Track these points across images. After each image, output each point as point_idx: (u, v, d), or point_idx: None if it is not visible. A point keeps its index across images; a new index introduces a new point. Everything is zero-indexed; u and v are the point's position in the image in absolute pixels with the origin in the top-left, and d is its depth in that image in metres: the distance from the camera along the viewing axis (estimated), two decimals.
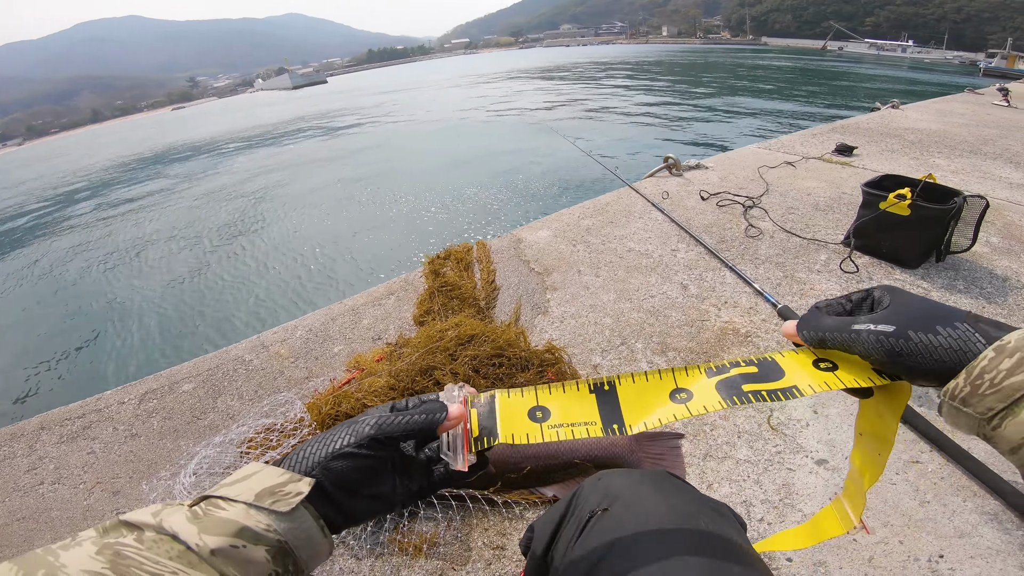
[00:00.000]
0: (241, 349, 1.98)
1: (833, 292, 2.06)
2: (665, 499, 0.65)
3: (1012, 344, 0.44)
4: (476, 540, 1.21)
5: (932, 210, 2.03)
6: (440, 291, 2.24)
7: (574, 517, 0.69)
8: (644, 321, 1.93)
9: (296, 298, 6.43)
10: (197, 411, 1.69)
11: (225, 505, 0.47)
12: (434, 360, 1.59)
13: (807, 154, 3.75)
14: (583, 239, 2.60)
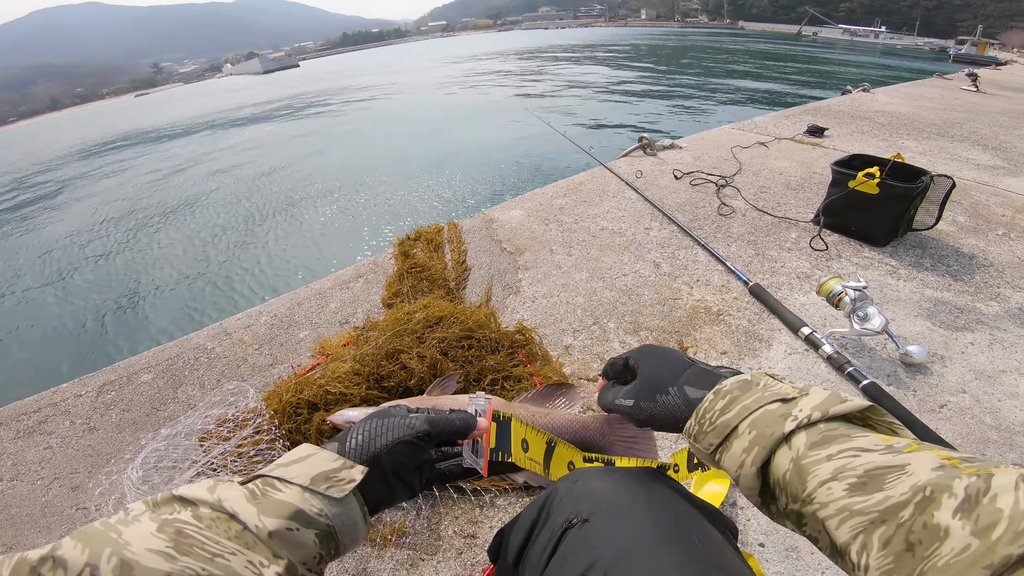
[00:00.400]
0: (202, 337, 1.90)
1: (803, 270, 2.06)
2: (652, 509, 0.57)
3: (726, 387, 0.57)
4: (446, 529, 1.18)
5: (900, 188, 2.05)
6: (409, 273, 2.18)
7: (547, 525, 0.62)
8: (616, 300, 1.91)
9: (258, 285, 6.19)
10: (157, 402, 1.62)
11: (282, 487, 0.49)
12: (401, 343, 1.54)
13: (779, 135, 3.77)
14: (556, 218, 2.56)
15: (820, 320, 1.78)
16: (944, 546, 0.38)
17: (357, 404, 1.37)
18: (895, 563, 0.41)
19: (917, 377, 1.55)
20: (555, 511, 0.62)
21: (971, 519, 0.38)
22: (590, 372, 1.60)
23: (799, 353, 1.65)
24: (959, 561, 0.37)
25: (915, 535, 0.41)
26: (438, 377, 1.46)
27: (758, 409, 0.54)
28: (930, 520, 0.40)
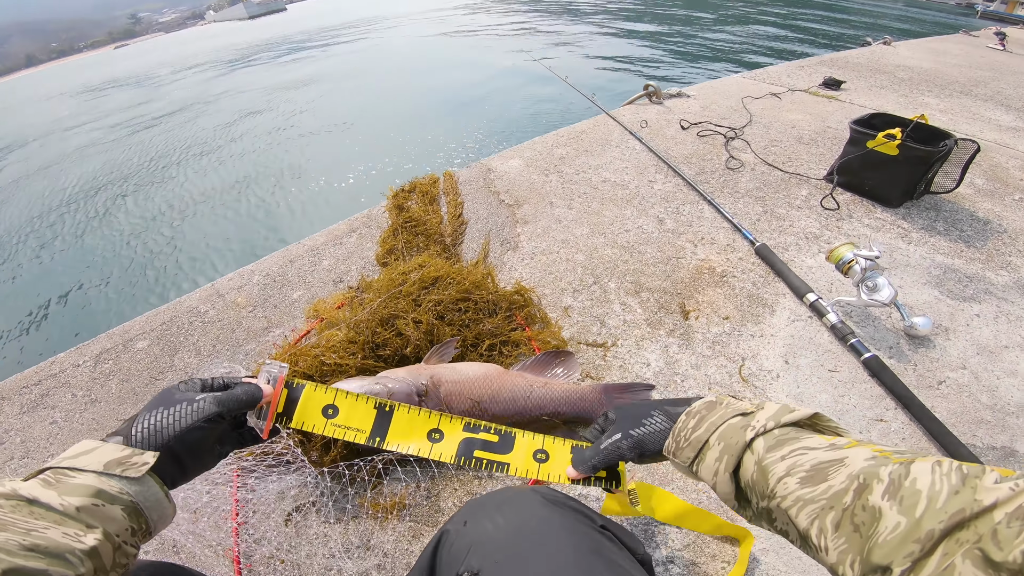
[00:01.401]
0: (195, 299, 1.81)
1: (812, 230, 1.96)
2: (547, 554, 0.55)
3: (695, 408, 0.65)
4: (446, 500, 1.15)
5: (921, 151, 1.93)
6: (404, 227, 2.07)
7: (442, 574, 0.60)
8: (618, 258, 1.81)
9: (251, 243, 5.69)
10: (154, 371, 1.55)
11: (75, 474, 0.52)
12: (396, 308, 1.45)
13: (793, 86, 3.55)
14: (556, 169, 2.42)
15: (826, 285, 1.70)
16: (880, 525, 0.44)
17: (353, 375, 1.30)
18: (847, 543, 0.46)
19: (919, 350, 1.49)
20: (447, 561, 0.60)
21: (896, 500, 0.44)
22: (589, 336, 1.53)
23: (802, 320, 1.58)
24: (894, 537, 0.42)
25: (858, 517, 0.46)
26: (435, 343, 1.39)
27: (723, 424, 0.61)
28: (867, 503, 0.46)
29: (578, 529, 0.59)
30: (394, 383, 1.21)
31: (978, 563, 0.38)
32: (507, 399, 1.23)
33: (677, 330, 1.54)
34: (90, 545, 0.48)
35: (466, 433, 0.81)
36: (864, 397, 1.36)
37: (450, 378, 1.25)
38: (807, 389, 1.38)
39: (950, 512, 0.41)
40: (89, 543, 0.48)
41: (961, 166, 1.99)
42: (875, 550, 0.44)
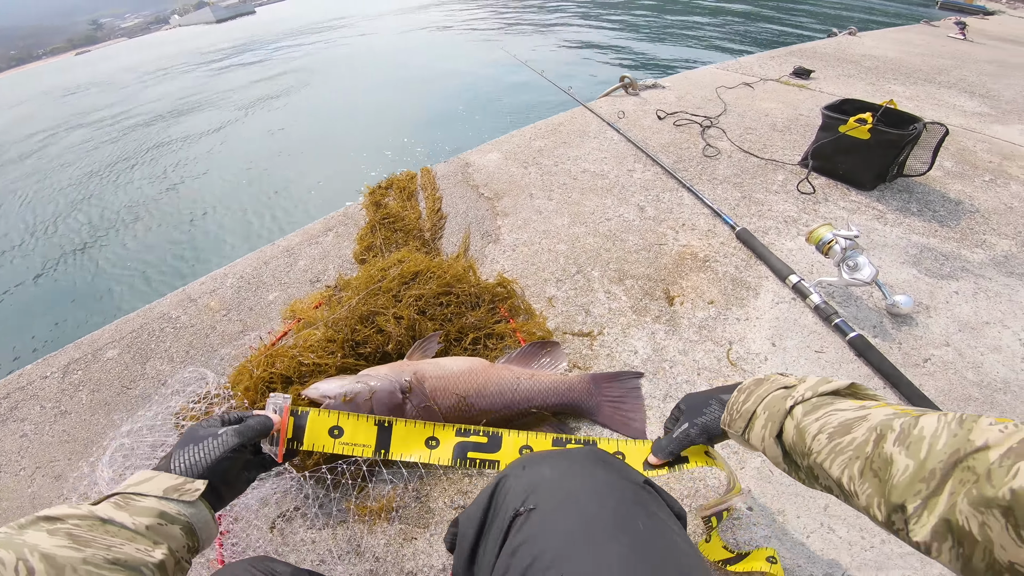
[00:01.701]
0: (166, 305, 1.73)
1: (790, 214, 1.96)
2: (598, 496, 0.59)
3: (745, 385, 0.75)
4: (436, 500, 1.10)
5: (892, 135, 1.95)
6: (382, 224, 2.01)
7: (498, 515, 0.63)
8: (600, 246, 1.78)
9: (222, 245, 5.31)
10: (126, 380, 1.47)
11: (139, 499, 0.59)
12: (376, 304, 1.39)
13: (765, 76, 3.57)
14: (535, 161, 2.38)
15: (807, 267, 1.69)
16: (894, 469, 0.49)
17: (333, 374, 1.25)
18: (871, 487, 0.52)
19: (903, 328, 1.49)
20: (504, 501, 0.63)
21: (905, 446, 0.49)
22: (575, 326, 1.49)
23: (786, 302, 1.57)
24: (905, 478, 0.48)
25: (875, 463, 0.52)
26: (417, 339, 1.34)
27: (768, 396, 0.69)
28: (882, 451, 0.51)
29: (622, 483, 0.62)
30: (376, 381, 1.16)
31: (974, 500, 0.42)
32: (494, 393, 1.19)
33: (663, 316, 1.52)
34: (159, 559, 0.54)
35: (459, 438, 0.91)
36: (852, 377, 1.35)
37: (434, 374, 1.20)
38: (795, 371, 1.36)
39: (948, 452, 0.46)
40: (158, 557, 0.54)
41: (931, 150, 2.01)
42: (892, 491, 0.49)
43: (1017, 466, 0.40)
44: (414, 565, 0.99)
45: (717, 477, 1.14)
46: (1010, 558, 0.41)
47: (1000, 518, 0.41)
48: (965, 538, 0.43)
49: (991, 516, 0.41)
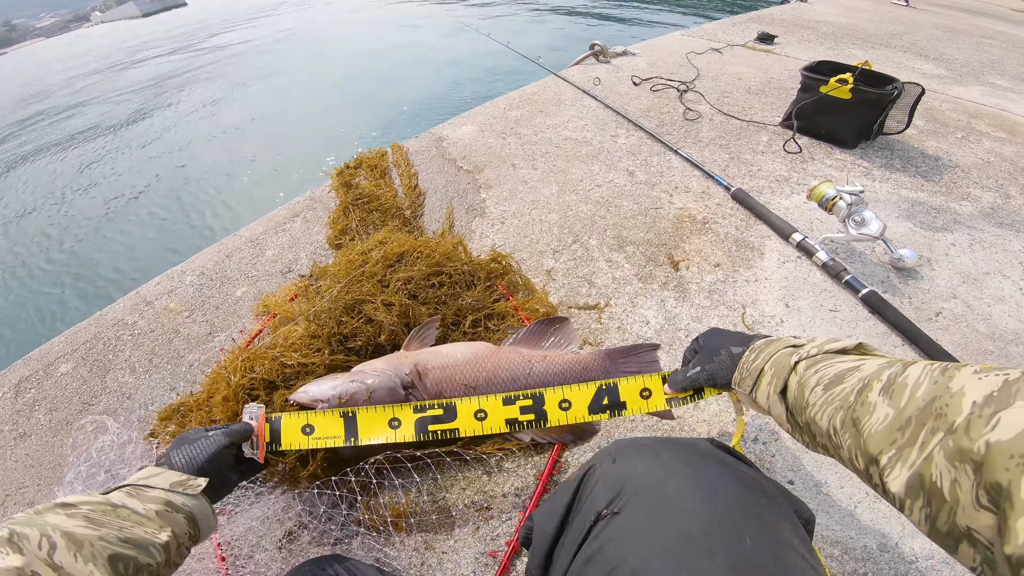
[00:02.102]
0: (120, 311, 1.52)
1: (780, 173, 1.88)
2: (698, 500, 0.50)
3: (757, 345, 0.72)
4: (455, 503, 0.98)
5: (872, 94, 1.92)
6: (355, 205, 1.83)
7: (579, 517, 0.56)
8: (594, 214, 1.66)
9: (170, 242, 4.55)
10: (85, 395, 1.29)
11: (148, 490, 0.64)
12: (361, 291, 1.23)
13: (731, 41, 3.50)
14: (513, 131, 2.23)
15: (807, 225, 1.62)
16: (873, 417, 0.46)
17: (322, 374, 1.08)
18: (851, 437, 0.49)
19: (909, 283, 1.44)
20: (590, 496, 0.57)
21: (889, 395, 0.46)
22: (579, 299, 1.37)
23: (792, 261, 1.49)
24: (883, 428, 0.45)
25: (857, 412, 0.49)
26: (411, 326, 1.19)
27: (776, 354, 0.67)
28: (866, 400, 0.48)
29: (735, 486, 0.53)
30: (373, 378, 1.01)
31: (950, 453, 0.38)
32: (505, 380, 1.06)
33: (670, 283, 1.41)
34: (164, 540, 0.58)
35: (417, 414, 0.91)
36: (871, 335, 1.29)
37: (437, 363, 1.06)
38: (814, 332, 1.29)
39: (926, 400, 0.42)
40: (163, 539, 0.58)
41: (905, 110, 2.00)
42: (869, 441, 0.46)
43: (998, 416, 0.36)
44: (442, 575, 0.86)
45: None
46: (967, 522, 0.37)
47: (971, 475, 0.36)
48: (935, 496, 0.39)
49: (963, 472, 0.37)
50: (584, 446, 1.08)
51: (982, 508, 0.36)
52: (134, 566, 0.53)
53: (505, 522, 0.95)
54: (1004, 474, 0.34)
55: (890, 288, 1.42)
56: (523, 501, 0.99)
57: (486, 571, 0.89)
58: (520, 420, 0.92)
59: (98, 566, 0.50)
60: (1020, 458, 0.33)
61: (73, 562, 0.48)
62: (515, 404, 0.93)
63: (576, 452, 1.07)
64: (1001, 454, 0.34)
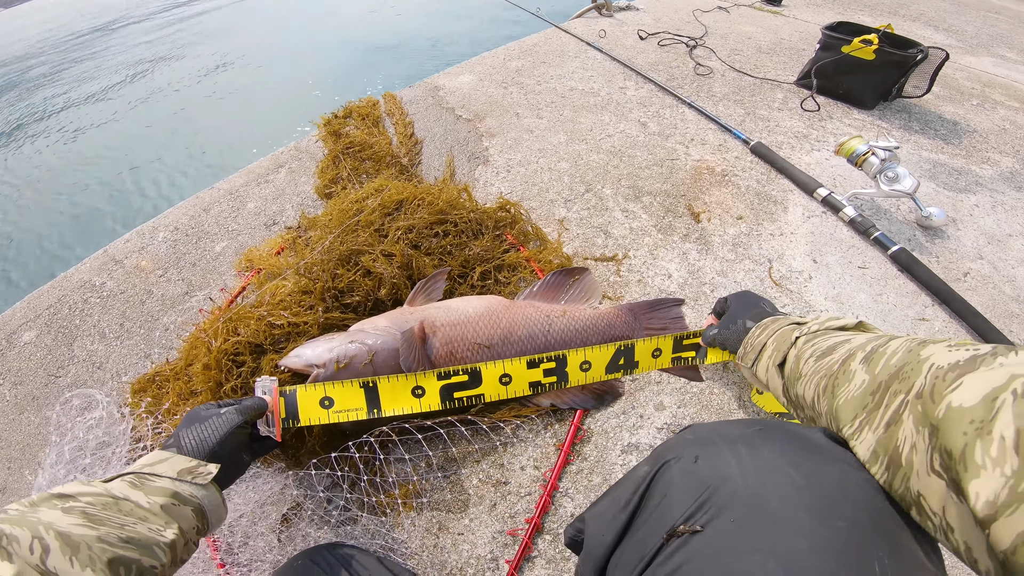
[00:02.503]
0: (86, 271, 1.36)
1: (799, 130, 1.77)
2: (816, 514, 0.38)
3: (764, 322, 0.75)
4: (470, 479, 0.87)
5: (897, 56, 1.82)
6: (346, 153, 1.66)
7: (648, 525, 0.44)
8: (607, 163, 1.52)
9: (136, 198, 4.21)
10: (51, 366, 1.14)
11: (154, 479, 0.57)
12: (356, 241, 1.09)
13: (738, 1, 3.33)
14: (515, 81, 2.06)
15: (830, 180, 1.51)
16: (851, 384, 0.47)
17: (316, 334, 0.95)
18: (826, 404, 0.50)
19: (936, 241, 1.35)
20: (662, 503, 0.44)
21: (868, 363, 0.47)
22: (595, 249, 1.24)
23: (818, 216, 1.38)
24: (858, 393, 0.46)
25: (836, 380, 0.50)
26: (414, 280, 1.05)
27: (780, 330, 0.70)
28: (847, 369, 0.49)
29: (860, 493, 0.40)
30: (375, 337, 0.88)
31: (918, 418, 0.38)
32: (523, 338, 0.93)
33: (692, 234, 1.29)
34: (170, 539, 0.52)
35: (441, 381, 0.85)
36: (900, 294, 1.20)
37: (446, 320, 0.93)
38: (844, 290, 1.19)
39: (898, 366, 0.43)
40: (169, 537, 0.52)
41: (925, 76, 1.90)
42: (843, 408, 0.47)
43: (961, 379, 0.35)
44: (458, 558, 0.76)
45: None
46: (920, 488, 0.37)
47: (927, 439, 0.36)
48: (893, 461, 0.39)
49: (922, 437, 0.37)
50: (607, 411, 0.97)
51: (933, 473, 0.35)
52: (136, 569, 0.48)
53: (524, 497, 0.85)
54: (960, 438, 0.33)
55: (917, 247, 1.33)
56: (543, 474, 0.88)
57: (505, 551, 0.79)
58: (543, 383, 0.90)
59: (97, 571, 0.44)
60: (979, 423, 0.32)
61: (69, 568, 0.43)
62: (539, 367, 0.89)
63: (599, 418, 0.96)
64: (960, 419, 0.33)
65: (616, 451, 0.92)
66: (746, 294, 0.88)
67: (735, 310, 0.84)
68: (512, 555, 0.78)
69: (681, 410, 0.97)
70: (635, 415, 0.97)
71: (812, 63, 2.01)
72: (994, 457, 0.31)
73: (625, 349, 0.92)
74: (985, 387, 0.33)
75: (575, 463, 0.90)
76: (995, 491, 0.31)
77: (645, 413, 0.97)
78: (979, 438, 0.32)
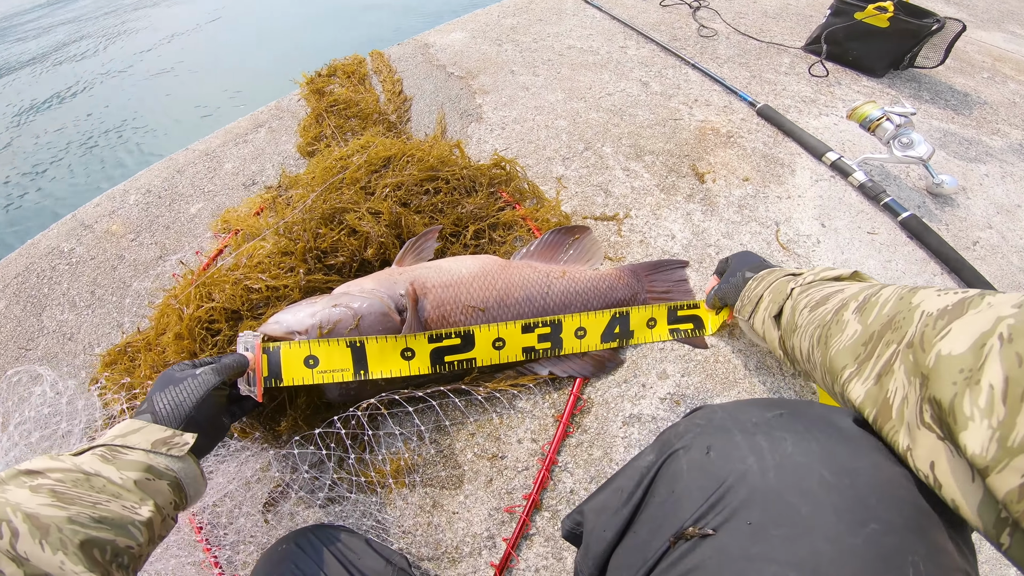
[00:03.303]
0: (54, 237, 1.25)
1: (806, 94, 1.68)
2: (847, 515, 0.32)
3: (761, 274, 0.74)
4: (464, 452, 0.81)
5: (912, 24, 1.73)
6: (330, 111, 1.54)
7: (653, 522, 0.39)
8: (607, 121, 1.43)
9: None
10: (21, 338, 1.05)
11: (127, 452, 0.52)
12: (341, 199, 0.99)
13: None
14: (509, 38, 1.93)
15: (837, 146, 1.44)
16: (844, 335, 0.46)
17: (297, 298, 0.86)
18: (821, 354, 0.49)
19: (946, 209, 1.30)
20: (670, 499, 0.39)
21: (861, 313, 0.46)
22: (595, 208, 1.16)
23: (826, 180, 1.31)
24: (850, 343, 0.45)
25: (829, 331, 0.49)
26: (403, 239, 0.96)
27: (776, 281, 0.69)
28: (840, 319, 0.48)
29: (893, 487, 0.35)
30: (360, 300, 0.79)
31: (909, 368, 0.36)
32: (520, 300, 0.85)
33: (696, 195, 1.22)
34: (146, 517, 0.48)
35: (432, 344, 0.81)
36: (910, 261, 1.14)
37: (438, 282, 0.84)
38: (852, 255, 1.13)
39: (889, 315, 0.42)
40: (145, 515, 0.48)
41: (939, 48, 1.82)
42: (835, 357, 0.46)
43: (950, 327, 0.34)
44: (453, 537, 0.69)
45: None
46: (910, 442, 0.35)
47: (918, 390, 0.35)
48: (882, 414, 0.38)
49: (913, 388, 0.35)
50: (608, 380, 0.90)
51: (923, 426, 0.34)
52: (112, 550, 0.44)
53: (522, 472, 0.78)
54: (950, 388, 0.32)
55: (926, 214, 1.28)
56: (541, 447, 0.81)
57: (502, 529, 0.72)
58: (536, 348, 0.85)
59: (69, 555, 0.41)
60: (968, 372, 0.31)
61: (40, 552, 0.40)
62: (533, 332, 0.85)
63: (599, 387, 0.89)
64: (950, 368, 0.32)
65: (617, 423, 0.86)
66: (747, 253, 0.87)
67: (735, 266, 0.83)
68: (509, 533, 0.72)
69: (685, 379, 0.91)
70: (637, 384, 0.90)
71: (822, 28, 1.91)
72: (982, 408, 0.30)
73: (620, 317, 0.90)
74: (973, 333, 0.32)
75: (574, 435, 0.84)
76: (983, 444, 0.30)
77: (647, 382, 0.90)
78: (968, 388, 0.31)
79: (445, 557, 0.72)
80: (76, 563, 0.41)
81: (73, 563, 0.41)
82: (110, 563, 0.44)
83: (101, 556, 0.43)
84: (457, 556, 0.72)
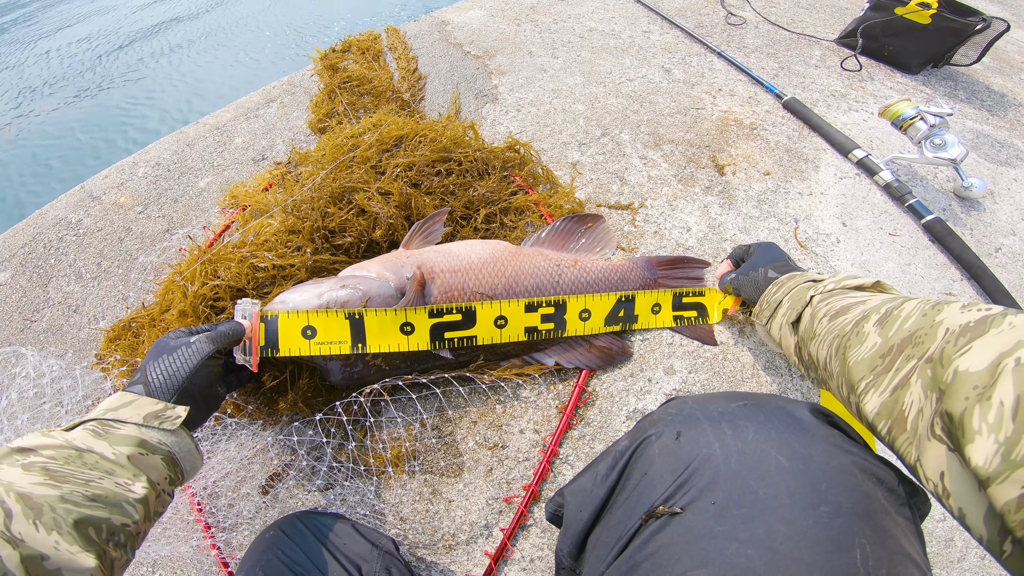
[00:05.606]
0: (62, 208, 1.26)
1: (837, 89, 1.63)
2: (800, 498, 0.37)
3: (781, 279, 0.72)
4: (465, 441, 0.80)
5: (956, 23, 1.67)
6: (343, 88, 1.53)
7: (627, 504, 0.43)
8: (626, 108, 1.40)
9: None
10: (26, 309, 1.06)
11: (119, 426, 0.52)
12: (351, 178, 0.98)
13: None
14: (529, 18, 1.90)
15: (865, 143, 1.40)
16: (863, 347, 0.46)
17: (303, 278, 0.85)
18: (839, 364, 0.49)
19: (971, 213, 1.26)
20: (642, 481, 0.42)
21: (882, 326, 0.46)
22: (610, 197, 1.14)
23: (851, 178, 1.28)
24: (868, 355, 0.45)
25: (848, 342, 0.49)
26: (412, 221, 0.95)
27: (796, 287, 0.68)
28: (861, 330, 0.48)
29: (846, 475, 0.39)
30: (368, 283, 0.78)
31: (927, 383, 0.37)
32: (529, 288, 0.84)
33: (715, 187, 1.19)
34: (140, 494, 0.48)
35: (433, 319, 0.79)
36: (929, 266, 1.12)
37: (446, 266, 0.83)
38: (871, 256, 1.11)
39: (911, 330, 0.42)
40: (139, 492, 0.48)
41: (983, 45, 1.75)
42: (853, 369, 0.46)
43: (971, 345, 0.34)
44: (450, 524, 0.69)
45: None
46: (920, 453, 0.36)
47: (934, 404, 0.36)
48: (897, 425, 0.39)
49: (929, 402, 0.36)
50: (614, 373, 0.89)
51: (934, 438, 0.35)
52: (107, 529, 0.44)
53: (522, 463, 0.78)
54: (961, 403, 0.33)
55: (951, 217, 1.25)
56: (543, 439, 0.81)
57: (500, 519, 0.72)
58: (540, 329, 0.84)
59: (63, 534, 0.41)
60: (981, 388, 0.32)
61: (34, 532, 0.39)
62: (537, 312, 0.83)
63: (605, 380, 0.88)
64: (965, 384, 0.33)
65: (621, 416, 0.85)
66: (772, 246, 0.84)
67: (758, 259, 0.81)
68: (507, 523, 0.72)
69: (692, 375, 0.90)
70: (643, 378, 0.89)
71: (859, 22, 1.86)
72: (991, 423, 0.31)
73: (625, 300, 0.89)
74: (993, 352, 0.33)
75: (577, 428, 0.83)
76: (988, 457, 0.31)
77: (654, 377, 0.89)
78: (979, 403, 0.32)
79: (441, 544, 0.72)
80: (71, 543, 0.41)
81: (68, 543, 0.41)
82: (106, 542, 0.43)
83: (96, 535, 0.43)
84: (453, 543, 0.72)
